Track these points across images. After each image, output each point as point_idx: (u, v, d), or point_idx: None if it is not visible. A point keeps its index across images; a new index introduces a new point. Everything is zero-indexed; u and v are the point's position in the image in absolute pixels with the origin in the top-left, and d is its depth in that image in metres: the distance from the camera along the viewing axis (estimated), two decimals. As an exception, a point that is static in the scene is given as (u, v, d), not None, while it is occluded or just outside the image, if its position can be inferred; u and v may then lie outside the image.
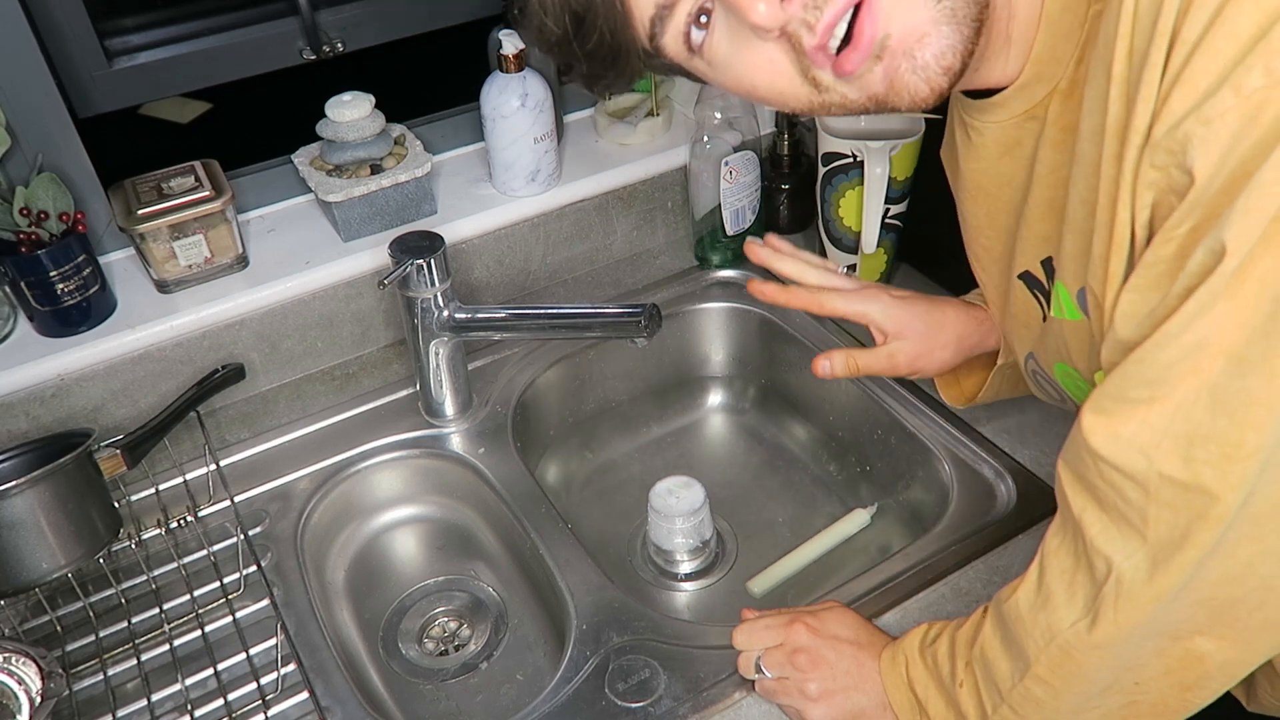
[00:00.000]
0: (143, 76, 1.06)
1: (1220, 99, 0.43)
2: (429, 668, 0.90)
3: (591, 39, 0.58)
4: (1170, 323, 0.46)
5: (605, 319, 0.86)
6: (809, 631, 0.73)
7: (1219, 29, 0.43)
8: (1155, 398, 0.48)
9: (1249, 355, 0.44)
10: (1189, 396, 0.46)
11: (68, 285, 0.91)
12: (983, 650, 0.63)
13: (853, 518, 0.98)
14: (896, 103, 0.55)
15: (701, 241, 1.17)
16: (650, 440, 1.15)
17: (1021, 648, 0.59)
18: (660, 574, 0.98)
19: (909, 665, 0.69)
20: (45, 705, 0.69)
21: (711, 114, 1.06)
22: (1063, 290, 0.63)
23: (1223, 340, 0.45)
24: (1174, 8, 0.44)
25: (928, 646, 0.68)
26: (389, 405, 1.01)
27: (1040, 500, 0.87)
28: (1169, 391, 0.47)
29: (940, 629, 0.69)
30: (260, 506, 0.92)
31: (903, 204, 1.02)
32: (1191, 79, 0.44)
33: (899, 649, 0.70)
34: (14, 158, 0.92)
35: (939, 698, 0.66)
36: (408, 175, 1.03)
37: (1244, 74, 0.42)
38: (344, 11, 1.12)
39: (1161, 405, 0.47)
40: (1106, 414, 0.50)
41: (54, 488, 0.76)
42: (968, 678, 0.64)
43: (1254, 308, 0.43)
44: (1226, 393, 0.45)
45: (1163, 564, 0.50)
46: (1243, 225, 0.42)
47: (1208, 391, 0.46)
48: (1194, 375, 0.46)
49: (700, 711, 0.73)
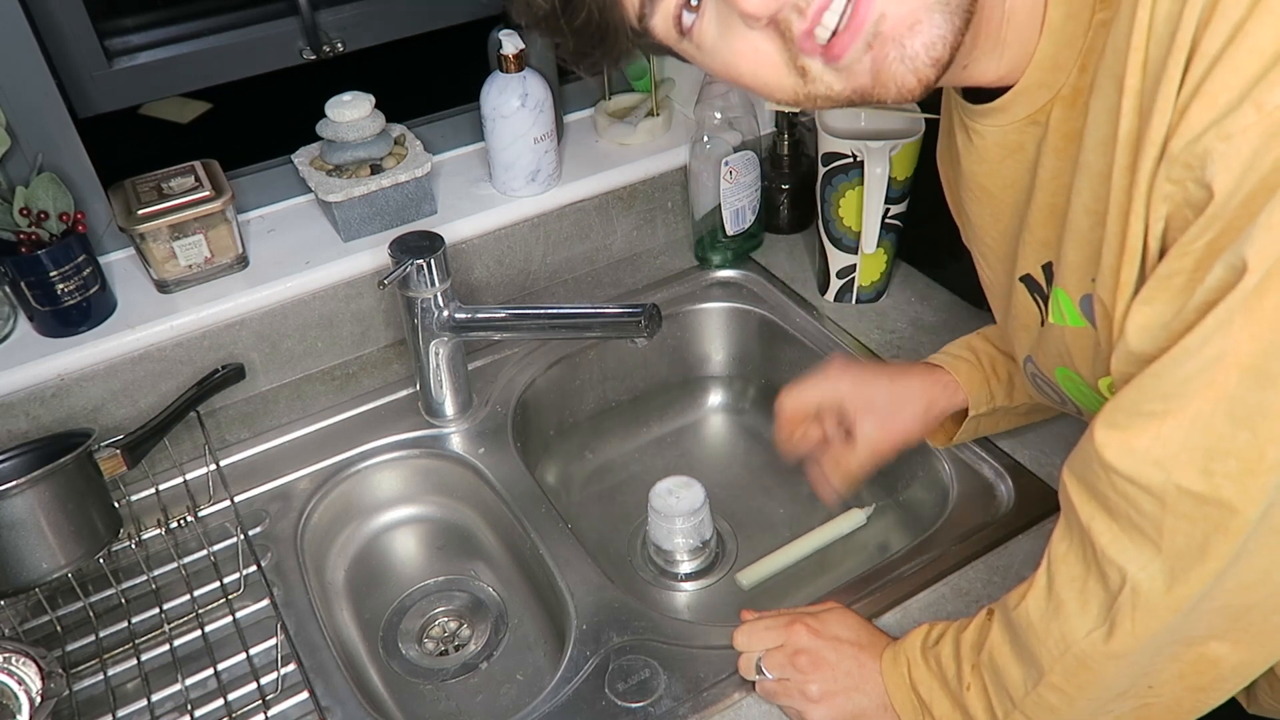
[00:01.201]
0: (143, 76, 1.06)
1: (1242, 114, 0.43)
2: (429, 668, 0.90)
3: (579, 16, 0.57)
4: (1188, 338, 0.46)
5: (605, 319, 0.86)
6: (810, 633, 0.73)
7: (1241, 43, 0.42)
8: (1171, 411, 0.48)
9: (1269, 369, 0.44)
10: (1206, 409, 0.46)
11: (68, 285, 0.91)
12: (991, 656, 0.62)
13: (848, 516, 0.98)
14: (883, 95, 0.55)
15: (701, 241, 1.17)
16: (650, 440, 1.15)
17: (1034, 656, 0.59)
18: (660, 574, 0.98)
19: (911, 666, 0.69)
20: (45, 705, 0.69)
21: (711, 114, 1.06)
22: (1063, 296, 0.63)
23: (1240, 354, 0.45)
24: (1193, 20, 0.44)
25: (930, 648, 0.68)
26: (389, 405, 1.01)
27: (1040, 500, 0.87)
28: (1185, 405, 0.47)
29: (942, 630, 0.69)
30: (260, 506, 0.92)
31: (903, 204, 1.02)
32: (1211, 93, 0.44)
33: (900, 650, 0.70)
34: (14, 158, 0.92)
35: (944, 699, 0.66)
36: (408, 175, 1.03)
37: (1266, 90, 0.42)
38: (344, 11, 1.12)
39: (1177, 419, 0.47)
40: (1120, 428, 0.50)
41: (54, 488, 0.76)
42: (975, 681, 0.64)
43: (1274, 323, 0.43)
44: (1246, 406, 0.45)
45: (1181, 575, 0.50)
46: (1265, 241, 0.42)
47: (1226, 405, 0.46)
48: (1211, 389, 0.46)
49: (700, 711, 0.73)
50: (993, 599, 0.78)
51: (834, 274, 1.09)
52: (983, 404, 0.85)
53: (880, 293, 1.11)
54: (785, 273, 1.16)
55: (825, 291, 1.11)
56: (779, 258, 1.18)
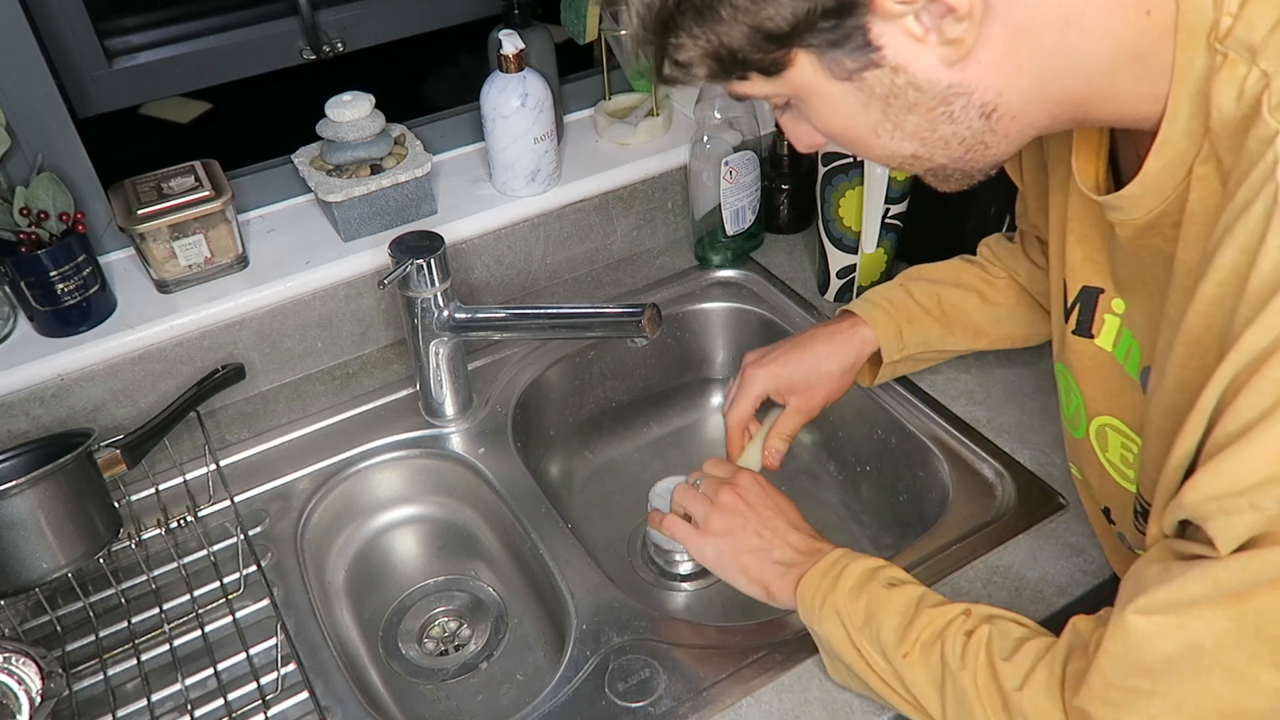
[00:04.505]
0: (143, 76, 1.06)
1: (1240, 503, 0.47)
2: (429, 668, 0.90)
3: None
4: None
5: (605, 319, 0.85)
6: (751, 485, 0.79)
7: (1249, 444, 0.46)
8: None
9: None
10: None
11: (68, 285, 0.91)
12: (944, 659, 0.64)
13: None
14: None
15: (701, 241, 1.17)
16: (650, 440, 1.15)
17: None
18: (660, 574, 0.98)
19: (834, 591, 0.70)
20: (45, 705, 0.69)
21: (711, 114, 1.06)
22: (1129, 336, 0.65)
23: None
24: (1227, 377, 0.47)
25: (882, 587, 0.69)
26: (389, 405, 1.01)
27: (1040, 500, 0.87)
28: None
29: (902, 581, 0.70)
30: (260, 506, 0.92)
31: (903, 204, 1.02)
32: (1220, 470, 0.47)
33: (849, 561, 0.72)
34: (14, 158, 0.92)
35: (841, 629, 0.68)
36: (408, 175, 1.03)
37: (1261, 495, 0.46)
38: (344, 11, 1.12)
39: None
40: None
41: (54, 488, 0.76)
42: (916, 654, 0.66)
43: None
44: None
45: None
46: None
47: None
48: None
49: (700, 711, 0.73)
50: (992, 599, 0.79)
51: (834, 274, 1.09)
52: (895, 352, 0.91)
53: (880, 293, 1.11)
54: (785, 273, 1.16)
55: (825, 291, 1.11)
56: (779, 258, 1.18)
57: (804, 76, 0.54)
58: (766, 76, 0.54)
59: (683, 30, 0.52)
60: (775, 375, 0.89)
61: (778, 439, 0.89)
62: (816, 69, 0.53)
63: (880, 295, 0.92)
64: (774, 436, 0.89)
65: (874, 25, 0.50)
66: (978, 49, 0.50)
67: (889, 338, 0.90)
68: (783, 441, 0.89)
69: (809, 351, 0.90)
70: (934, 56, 0.51)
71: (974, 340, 0.92)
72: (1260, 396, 0.45)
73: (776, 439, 0.89)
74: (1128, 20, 0.50)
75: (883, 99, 0.53)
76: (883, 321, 0.90)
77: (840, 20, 0.50)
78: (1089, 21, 0.50)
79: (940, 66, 0.51)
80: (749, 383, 0.90)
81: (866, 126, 0.55)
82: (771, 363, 0.90)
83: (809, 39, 0.51)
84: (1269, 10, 0.48)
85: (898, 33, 0.50)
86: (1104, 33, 0.51)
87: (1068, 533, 0.84)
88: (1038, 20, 0.50)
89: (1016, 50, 0.51)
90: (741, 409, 0.90)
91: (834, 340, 0.91)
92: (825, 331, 0.92)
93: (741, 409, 0.90)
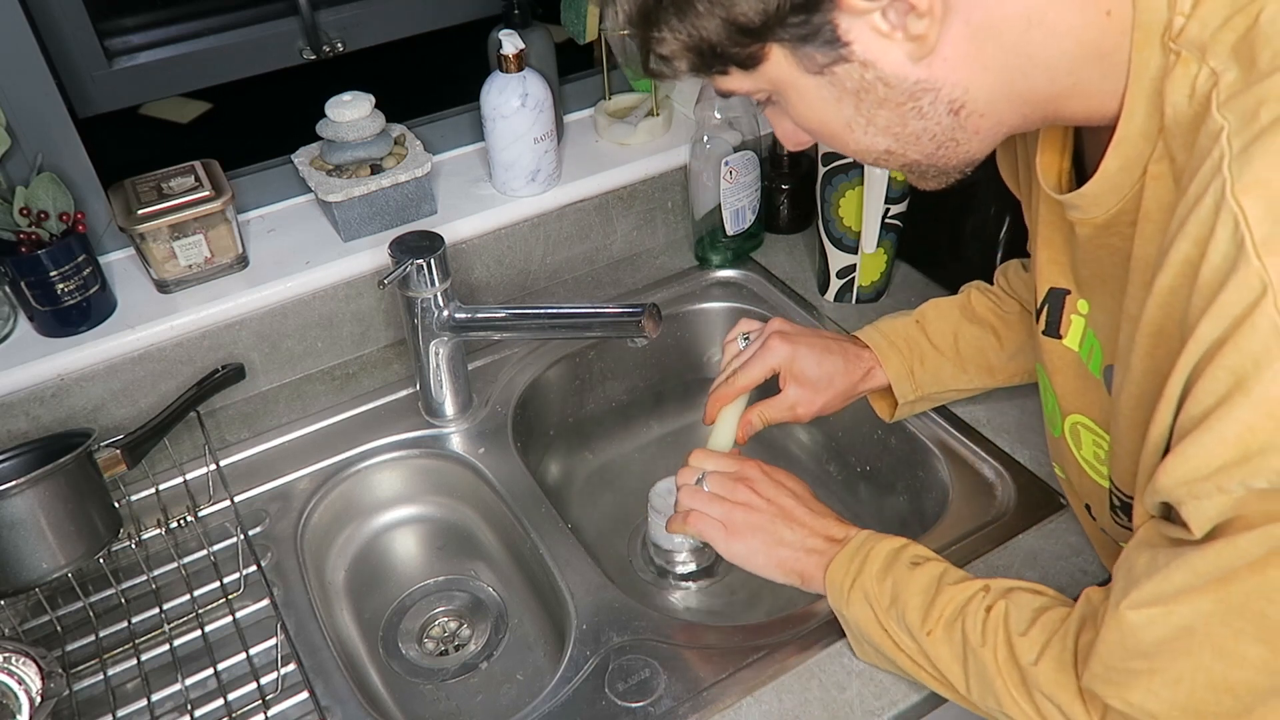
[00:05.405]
0: (143, 76, 1.06)
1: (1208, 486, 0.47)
2: (429, 668, 0.90)
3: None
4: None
5: (605, 319, 0.85)
6: (762, 472, 0.80)
7: (1211, 428, 0.46)
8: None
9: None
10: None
11: (68, 285, 0.91)
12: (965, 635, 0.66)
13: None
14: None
15: (701, 241, 1.17)
16: (650, 440, 1.15)
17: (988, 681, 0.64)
18: (660, 574, 0.98)
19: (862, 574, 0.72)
20: (45, 705, 0.69)
21: (711, 114, 1.06)
22: (1092, 336, 0.65)
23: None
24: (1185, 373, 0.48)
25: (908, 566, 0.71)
26: (389, 405, 1.01)
27: (1040, 500, 0.87)
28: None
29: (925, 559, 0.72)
30: (260, 506, 0.92)
31: (903, 204, 1.02)
32: (1187, 455, 0.47)
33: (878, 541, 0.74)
34: (14, 158, 0.92)
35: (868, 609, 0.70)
36: (408, 175, 1.03)
37: (1226, 478, 0.46)
38: (344, 11, 1.12)
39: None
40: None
41: (54, 488, 0.76)
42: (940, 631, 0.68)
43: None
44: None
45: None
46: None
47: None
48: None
49: (700, 711, 0.73)
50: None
51: (834, 274, 1.09)
52: (909, 393, 0.90)
53: (880, 293, 1.11)
54: (785, 273, 1.16)
55: (825, 291, 1.11)
56: (779, 258, 1.18)
57: (779, 71, 0.55)
58: (745, 70, 0.56)
59: (664, 24, 0.54)
60: (797, 358, 0.87)
61: (759, 419, 0.88)
62: (791, 63, 0.54)
63: (898, 334, 0.91)
64: (755, 415, 0.88)
65: (841, 21, 0.51)
66: (941, 46, 0.51)
67: (900, 378, 0.89)
68: (762, 424, 0.88)
69: (832, 356, 0.89)
70: (900, 52, 0.52)
71: (988, 378, 0.91)
72: (1216, 383, 0.45)
73: (758, 419, 0.88)
74: (1089, 19, 0.51)
75: (854, 94, 0.54)
76: (895, 362, 0.89)
77: (809, 15, 0.51)
78: (1051, 20, 0.51)
79: (907, 62, 0.52)
80: (770, 352, 0.88)
81: (840, 121, 0.57)
82: (799, 344, 0.88)
83: (780, 33, 0.53)
84: (1220, 9, 0.48)
85: (865, 29, 0.51)
86: (1066, 31, 0.51)
87: (1067, 533, 0.84)
88: (1000, 19, 0.51)
89: (980, 48, 0.52)
90: (754, 375, 0.87)
91: (851, 363, 0.89)
92: (850, 350, 0.90)
93: (754, 375, 0.87)
